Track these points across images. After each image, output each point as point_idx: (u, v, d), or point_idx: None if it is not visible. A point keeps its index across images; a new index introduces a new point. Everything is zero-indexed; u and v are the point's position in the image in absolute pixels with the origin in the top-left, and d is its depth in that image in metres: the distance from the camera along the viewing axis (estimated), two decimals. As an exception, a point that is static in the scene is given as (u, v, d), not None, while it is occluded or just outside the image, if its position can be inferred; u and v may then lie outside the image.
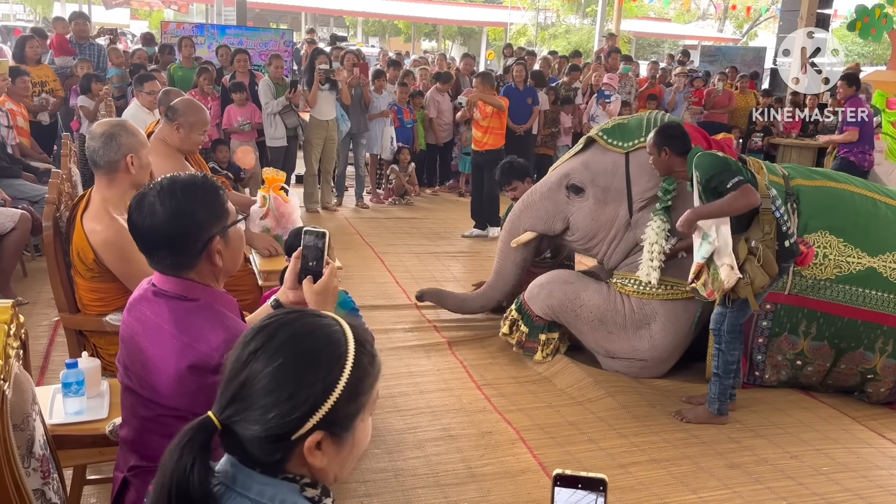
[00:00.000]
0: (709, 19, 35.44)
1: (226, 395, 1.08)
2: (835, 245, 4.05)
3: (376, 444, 3.40)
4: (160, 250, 1.72)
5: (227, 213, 1.78)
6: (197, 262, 1.73)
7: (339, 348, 1.11)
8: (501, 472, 3.24)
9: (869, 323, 4.00)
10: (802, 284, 4.05)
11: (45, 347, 4.17)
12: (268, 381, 1.06)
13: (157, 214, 1.69)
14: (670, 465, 3.37)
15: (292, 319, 1.13)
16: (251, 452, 1.07)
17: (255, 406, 1.06)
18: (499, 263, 4.69)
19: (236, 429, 1.06)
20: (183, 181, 1.74)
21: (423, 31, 33.12)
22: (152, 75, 6.16)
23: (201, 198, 1.73)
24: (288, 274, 1.81)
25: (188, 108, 3.65)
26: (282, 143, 7.67)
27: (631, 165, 4.18)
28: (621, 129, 4.28)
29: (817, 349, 4.09)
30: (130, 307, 1.81)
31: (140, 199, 1.73)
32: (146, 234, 1.72)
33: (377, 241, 6.95)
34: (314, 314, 1.16)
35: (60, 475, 1.91)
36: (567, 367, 4.26)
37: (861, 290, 4.00)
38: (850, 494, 3.22)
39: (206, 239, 1.73)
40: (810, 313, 4.05)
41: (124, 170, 2.70)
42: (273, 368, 1.06)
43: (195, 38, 9.32)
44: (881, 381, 4.08)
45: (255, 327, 1.12)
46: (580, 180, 4.29)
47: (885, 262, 4.03)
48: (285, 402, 1.05)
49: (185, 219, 1.70)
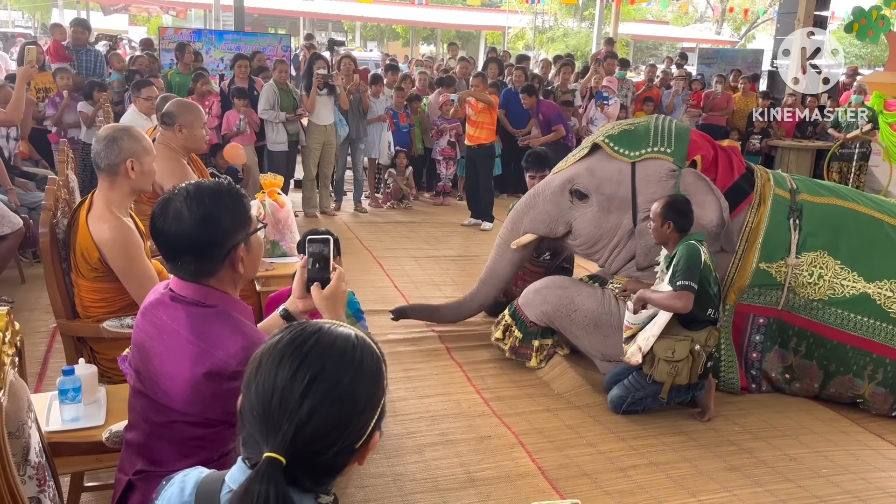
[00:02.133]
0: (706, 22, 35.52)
1: (281, 429, 1.05)
2: (831, 266, 4.01)
3: (375, 450, 3.38)
4: (185, 256, 1.71)
5: (250, 221, 1.78)
6: (219, 269, 1.73)
7: (375, 352, 1.16)
8: (500, 476, 3.23)
9: (858, 349, 3.96)
10: (795, 302, 4.04)
11: (43, 354, 4.16)
12: (336, 408, 1.07)
13: (183, 221, 1.68)
14: (669, 468, 3.36)
15: (320, 336, 1.13)
16: (306, 473, 1.08)
17: (330, 431, 1.06)
18: (494, 260, 4.61)
19: (303, 458, 1.06)
20: (209, 187, 1.73)
21: (421, 35, 33.15)
22: (149, 81, 6.17)
23: (228, 205, 1.72)
24: (295, 283, 1.81)
25: (182, 107, 3.77)
26: (283, 147, 7.68)
27: (637, 175, 4.10)
28: (628, 137, 4.18)
29: (806, 368, 4.08)
30: (145, 312, 1.80)
31: (165, 204, 1.71)
32: (172, 240, 1.71)
33: (376, 246, 6.94)
34: (334, 328, 1.15)
35: (57, 483, 1.91)
36: (565, 371, 4.26)
37: (852, 316, 3.96)
38: (849, 497, 3.22)
39: (231, 246, 1.72)
40: (801, 331, 4.05)
41: (124, 174, 2.73)
42: (336, 396, 1.07)
43: (193, 44, 9.33)
44: (870, 408, 4.03)
45: (282, 350, 1.10)
46: (584, 186, 4.22)
47: (880, 288, 3.95)
48: (359, 417, 1.09)
49: (213, 226, 1.69)
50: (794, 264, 4.02)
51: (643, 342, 3.68)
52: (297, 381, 1.06)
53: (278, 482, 1.02)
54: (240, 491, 1.03)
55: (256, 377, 1.09)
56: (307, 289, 1.77)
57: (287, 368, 1.07)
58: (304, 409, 1.05)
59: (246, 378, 1.12)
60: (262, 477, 1.02)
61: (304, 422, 1.05)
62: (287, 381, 1.06)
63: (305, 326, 1.14)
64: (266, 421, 1.06)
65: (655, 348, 3.65)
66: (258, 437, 1.07)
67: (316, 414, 1.05)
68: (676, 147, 4.13)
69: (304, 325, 1.15)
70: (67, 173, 3.56)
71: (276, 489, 1.01)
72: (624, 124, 4.35)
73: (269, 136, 7.64)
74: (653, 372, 3.69)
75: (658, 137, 4.15)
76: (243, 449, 1.12)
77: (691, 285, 3.53)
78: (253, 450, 1.09)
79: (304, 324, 1.15)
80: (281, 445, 1.04)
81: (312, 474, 1.08)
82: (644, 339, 3.69)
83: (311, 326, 1.14)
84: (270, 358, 1.10)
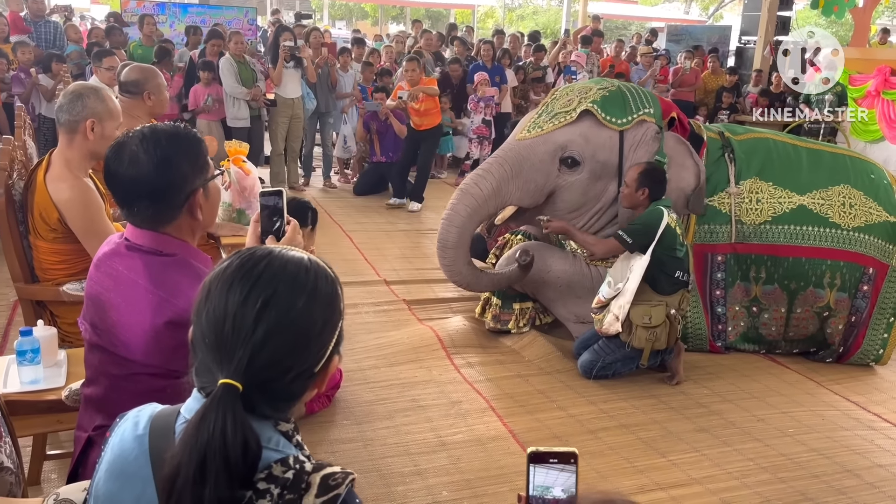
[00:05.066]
0: (675, 2, 35.61)
1: (235, 355, 1.01)
2: (766, 189, 4.23)
3: (345, 416, 3.37)
4: (142, 201, 1.65)
5: (208, 166, 1.73)
6: (178, 216, 1.68)
7: (329, 275, 1.12)
8: (472, 439, 3.23)
9: (812, 259, 4.17)
10: (744, 231, 4.18)
11: (3, 328, 4.06)
12: (291, 333, 1.03)
13: (140, 164, 1.62)
14: (639, 430, 3.38)
15: (271, 259, 1.08)
16: (263, 400, 1.03)
17: (285, 356, 1.03)
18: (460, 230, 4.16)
19: (260, 385, 1.02)
20: (166, 130, 1.68)
21: (390, 13, 32.81)
22: (111, 51, 6.00)
23: (186, 148, 1.68)
24: (249, 237, 1.76)
25: (145, 73, 3.68)
26: (245, 123, 7.51)
27: (625, 143, 4.11)
28: (613, 103, 4.11)
29: (770, 293, 4.21)
30: (99, 263, 1.74)
31: (119, 147, 1.65)
32: (128, 184, 1.65)
33: (345, 220, 6.88)
34: (285, 251, 1.11)
35: (14, 440, 1.85)
36: (536, 339, 4.25)
37: (797, 228, 4.18)
38: (814, 454, 3.26)
39: (190, 191, 1.67)
40: (758, 258, 4.19)
41: (83, 133, 2.64)
42: (290, 320, 1.03)
43: (157, 17, 9.12)
44: (837, 317, 4.21)
45: (232, 275, 1.05)
46: (580, 154, 4.07)
47: (813, 198, 4.21)
48: (316, 341, 1.06)
49: (171, 169, 1.64)
50: (736, 192, 4.19)
51: (618, 310, 3.68)
52: (248, 306, 1.02)
53: (235, 408, 0.98)
54: (195, 419, 0.99)
55: (206, 304, 1.05)
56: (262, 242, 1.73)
57: (238, 293, 1.03)
58: (258, 335, 1.01)
59: (196, 306, 1.07)
60: (217, 403, 0.98)
61: (258, 347, 1.01)
62: (239, 306, 1.02)
63: (255, 251, 1.10)
64: (219, 348, 1.02)
65: (631, 315, 3.67)
66: (212, 364, 1.03)
67: (270, 339, 1.02)
68: (654, 107, 4.18)
69: (254, 249, 1.10)
70: (25, 139, 3.45)
71: (234, 416, 0.97)
72: (597, 88, 4.23)
73: (229, 112, 7.45)
74: (631, 339, 3.71)
75: (637, 100, 4.17)
76: (196, 379, 1.07)
77: (625, 238, 3.68)
78: (207, 378, 1.05)
79: (254, 248, 1.11)
80: (236, 372, 1.01)
81: (270, 400, 1.04)
82: (619, 307, 3.69)
83: (262, 251, 1.10)
84: (220, 283, 1.05)
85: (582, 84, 4.43)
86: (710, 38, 13.79)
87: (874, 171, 4.38)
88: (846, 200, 4.21)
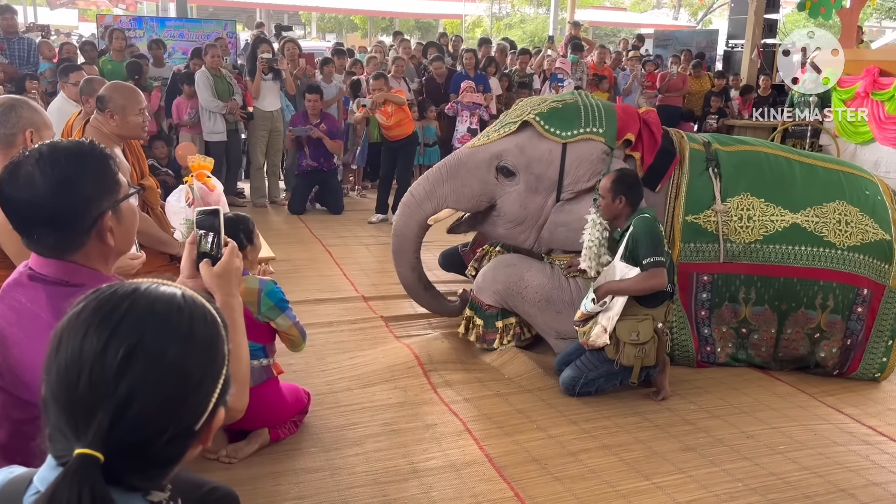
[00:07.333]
0: (664, 8, 35.68)
1: (94, 418, 0.85)
2: (757, 206, 4.03)
3: (313, 443, 3.20)
4: (40, 228, 1.47)
5: (118, 185, 1.53)
6: (85, 242, 1.49)
7: (209, 313, 0.97)
8: (445, 465, 3.06)
9: (804, 280, 3.96)
10: (734, 250, 3.98)
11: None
12: (163, 387, 0.87)
13: (36, 186, 1.43)
14: (622, 451, 3.22)
15: (135, 298, 0.92)
16: (133, 468, 0.88)
17: (157, 415, 0.87)
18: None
19: (127, 451, 0.86)
20: (67, 147, 1.50)
21: (379, 25, 32.79)
22: (79, 66, 5.88)
23: (90, 166, 1.49)
24: (184, 262, 1.61)
25: (115, 91, 3.42)
26: (221, 137, 7.37)
27: (568, 156, 4.00)
28: (560, 116, 4.05)
29: (759, 314, 4.02)
30: (3, 294, 1.56)
31: (14, 168, 1.47)
32: (24, 209, 1.46)
33: (326, 234, 6.73)
34: (153, 287, 0.95)
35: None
36: (517, 356, 4.09)
37: (790, 248, 3.98)
38: (807, 473, 3.10)
39: (96, 215, 1.49)
40: (747, 279, 3.99)
41: (21, 145, 2.48)
42: (161, 372, 0.87)
43: (135, 31, 8.99)
44: (830, 340, 4.02)
45: (86, 320, 0.89)
46: (514, 164, 4.06)
47: (807, 216, 4.00)
48: (194, 395, 0.90)
49: (72, 191, 1.45)
50: (722, 210, 4.00)
51: (607, 322, 3.54)
52: (108, 357, 0.86)
53: (94, 484, 0.82)
54: (45, 496, 0.83)
55: (57, 356, 0.88)
56: (196, 267, 1.58)
57: (95, 341, 0.86)
58: (121, 392, 0.85)
59: (46, 359, 0.90)
60: (72, 478, 0.82)
61: (122, 407, 0.84)
62: (96, 357, 0.86)
63: (117, 289, 0.93)
64: (74, 409, 0.86)
65: (618, 332, 3.53)
66: (66, 429, 0.86)
67: (137, 396, 0.85)
68: (608, 127, 4.03)
69: (116, 286, 0.94)
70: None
71: (91, 493, 0.81)
72: (551, 101, 4.20)
73: (205, 126, 7.31)
74: (619, 357, 3.56)
75: (589, 117, 4.04)
76: (50, 445, 0.90)
77: (660, 260, 3.47)
78: (61, 445, 0.88)
79: (116, 285, 0.94)
80: (96, 438, 0.84)
81: (141, 469, 0.88)
82: (607, 319, 3.54)
83: (124, 288, 0.93)
84: (73, 330, 0.88)
85: (540, 97, 4.37)
86: (698, 43, 13.68)
87: (868, 187, 4.18)
88: (842, 218, 4.00)
